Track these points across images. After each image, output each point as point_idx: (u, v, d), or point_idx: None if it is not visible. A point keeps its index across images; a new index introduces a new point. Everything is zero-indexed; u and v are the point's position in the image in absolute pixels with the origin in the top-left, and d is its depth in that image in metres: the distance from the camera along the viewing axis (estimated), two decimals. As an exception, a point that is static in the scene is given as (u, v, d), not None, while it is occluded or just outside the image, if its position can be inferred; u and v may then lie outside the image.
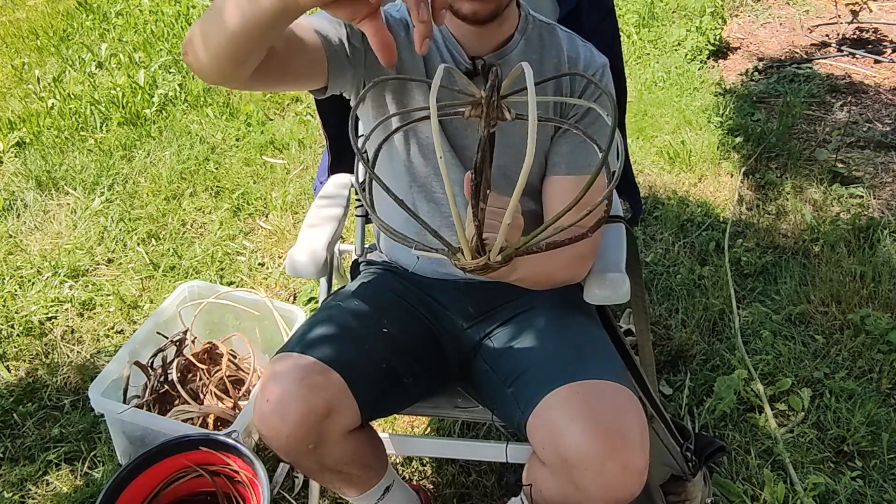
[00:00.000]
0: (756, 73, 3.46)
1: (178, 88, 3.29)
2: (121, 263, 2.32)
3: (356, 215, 1.59)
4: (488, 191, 0.85)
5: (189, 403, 1.63)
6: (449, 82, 0.94)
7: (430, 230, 0.77)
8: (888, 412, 1.78)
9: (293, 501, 1.63)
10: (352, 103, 1.27)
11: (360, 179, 0.86)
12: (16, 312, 2.10)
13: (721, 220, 2.48)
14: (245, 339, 1.79)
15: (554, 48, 1.18)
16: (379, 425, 1.60)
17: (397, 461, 1.70)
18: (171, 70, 3.49)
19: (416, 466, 1.70)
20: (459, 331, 1.30)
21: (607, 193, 0.74)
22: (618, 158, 0.78)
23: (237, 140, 2.98)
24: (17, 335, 2.04)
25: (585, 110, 1.17)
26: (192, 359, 1.71)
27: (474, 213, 0.74)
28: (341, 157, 1.56)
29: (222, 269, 2.30)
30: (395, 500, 1.31)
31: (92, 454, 1.71)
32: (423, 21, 0.73)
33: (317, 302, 1.88)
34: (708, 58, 3.58)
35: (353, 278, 1.49)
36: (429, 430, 1.81)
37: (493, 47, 1.15)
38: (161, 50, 3.64)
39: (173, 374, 1.66)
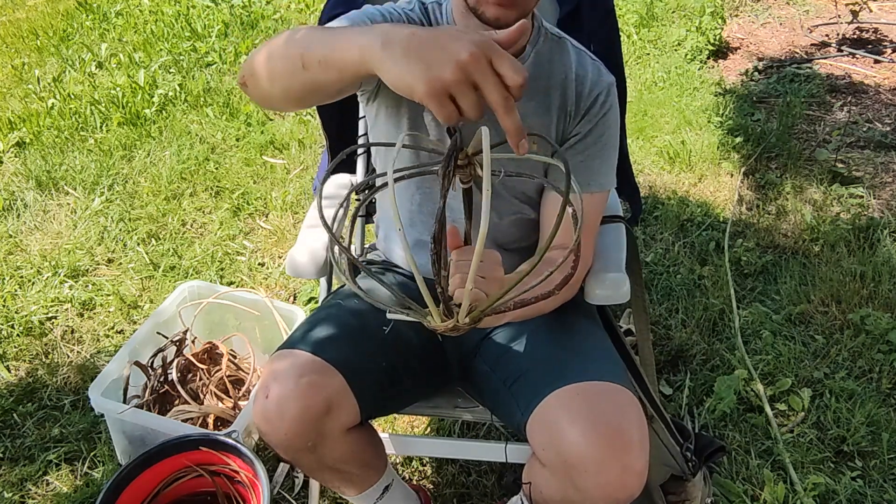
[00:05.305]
0: (756, 73, 3.46)
1: (177, 88, 3.29)
2: (121, 263, 2.32)
3: (357, 215, 1.59)
4: (450, 258, 0.87)
5: (189, 403, 1.63)
6: (420, 143, 0.95)
7: (398, 297, 0.78)
8: (888, 412, 1.78)
9: (293, 501, 1.63)
10: (361, 100, 1.26)
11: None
12: (16, 312, 2.10)
13: (721, 220, 2.48)
14: (245, 339, 1.79)
15: (562, 64, 1.16)
16: (379, 425, 1.61)
17: (397, 461, 1.70)
18: (171, 70, 3.49)
19: (416, 466, 1.70)
20: (460, 331, 1.30)
21: (573, 248, 0.75)
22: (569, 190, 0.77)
23: (237, 140, 2.98)
24: (17, 335, 2.04)
25: (588, 130, 1.16)
26: (192, 359, 1.71)
27: (437, 280, 0.75)
28: None
29: (222, 269, 2.30)
30: (394, 499, 1.31)
31: (92, 454, 1.71)
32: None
33: (317, 302, 1.88)
34: (708, 58, 3.58)
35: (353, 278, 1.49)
36: (429, 430, 1.81)
37: None
38: (161, 50, 3.64)
39: (173, 374, 1.66)
